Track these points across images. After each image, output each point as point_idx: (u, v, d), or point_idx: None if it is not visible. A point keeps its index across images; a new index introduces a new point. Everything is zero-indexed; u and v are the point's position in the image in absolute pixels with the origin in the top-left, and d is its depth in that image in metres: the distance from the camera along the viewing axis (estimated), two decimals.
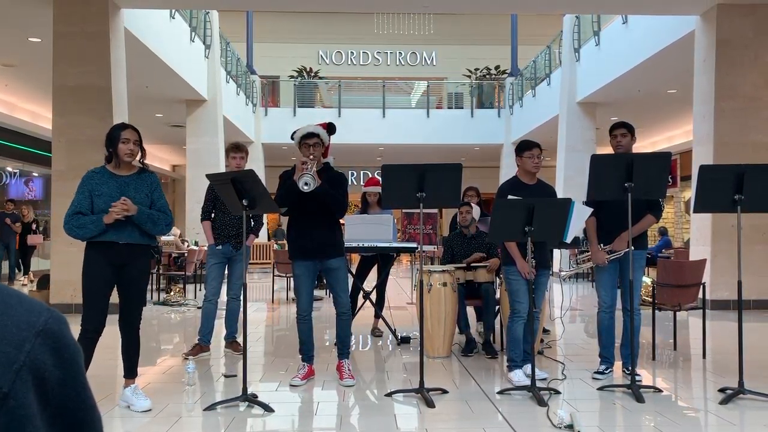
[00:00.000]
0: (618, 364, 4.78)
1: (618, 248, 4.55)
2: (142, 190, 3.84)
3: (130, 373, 3.88)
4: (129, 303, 3.84)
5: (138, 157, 3.86)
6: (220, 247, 5.38)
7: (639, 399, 3.99)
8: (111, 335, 3.98)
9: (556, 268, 13.47)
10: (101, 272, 3.72)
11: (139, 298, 3.90)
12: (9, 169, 14.18)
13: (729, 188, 4.06)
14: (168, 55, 11.02)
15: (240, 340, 5.22)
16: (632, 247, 4.41)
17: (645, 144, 18.58)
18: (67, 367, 0.60)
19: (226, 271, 5.57)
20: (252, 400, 3.90)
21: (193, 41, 12.90)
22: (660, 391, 4.28)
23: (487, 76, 21.94)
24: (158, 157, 22.01)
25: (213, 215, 5.48)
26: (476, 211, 6.04)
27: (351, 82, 21.95)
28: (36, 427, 0.56)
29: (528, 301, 4.46)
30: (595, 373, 4.69)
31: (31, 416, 0.55)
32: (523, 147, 4.68)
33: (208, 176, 4.30)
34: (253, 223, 5.57)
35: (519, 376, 4.47)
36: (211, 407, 3.85)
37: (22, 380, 0.55)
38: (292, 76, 21.37)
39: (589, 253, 4.87)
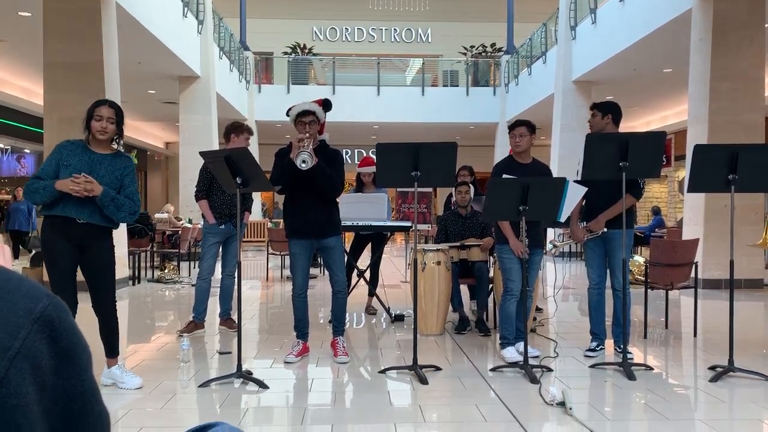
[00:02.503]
0: (610, 342, 4.83)
1: (594, 228, 4.60)
2: (113, 171, 3.67)
3: (111, 353, 3.84)
4: (97, 287, 3.73)
5: (113, 137, 3.71)
6: (222, 226, 5.35)
7: (630, 377, 4.04)
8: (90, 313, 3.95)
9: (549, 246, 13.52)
10: (62, 248, 3.59)
11: (106, 281, 3.76)
12: (0, 145, 14.07)
13: (723, 168, 4.07)
14: (160, 30, 10.89)
15: (234, 317, 5.25)
16: (605, 229, 4.52)
17: (639, 124, 18.57)
18: (63, 357, 0.57)
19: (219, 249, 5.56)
20: (247, 376, 3.93)
21: (185, 17, 12.75)
22: (651, 369, 4.33)
23: (483, 54, 21.80)
24: (152, 135, 21.87)
25: (211, 194, 5.41)
26: (471, 190, 6.04)
27: (345, 59, 21.77)
28: (29, 417, 0.54)
29: (521, 279, 4.49)
30: (586, 350, 4.74)
31: (23, 406, 0.53)
32: (509, 127, 4.75)
33: (202, 154, 4.27)
34: (244, 200, 5.51)
35: (511, 353, 4.52)
36: (205, 384, 3.88)
37: (16, 368, 0.53)
38: (285, 53, 21.17)
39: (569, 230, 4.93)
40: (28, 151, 15.12)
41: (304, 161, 4.13)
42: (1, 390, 0.52)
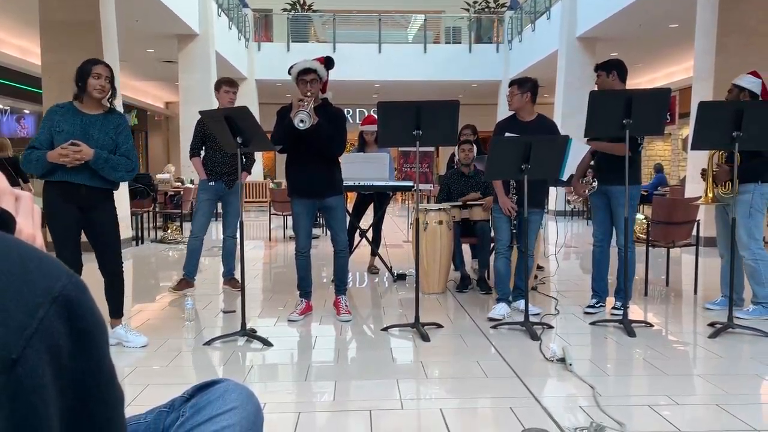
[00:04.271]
0: (611, 300, 4.87)
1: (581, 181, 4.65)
2: (106, 131, 3.65)
3: (116, 313, 3.89)
4: (102, 249, 3.76)
5: (108, 96, 3.69)
6: (212, 183, 5.35)
7: (630, 333, 4.08)
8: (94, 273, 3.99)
9: (552, 206, 13.53)
10: (63, 211, 3.62)
11: (110, 243, 3.78)
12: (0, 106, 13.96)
13: (728, 125, 4.03)
14: None
15: (238, 276, 5.29)
16: (595, 183, 4.53)
17: (644, 81, 18.34)
18: (81, 337, 0.56)
19: (215, 210, 5.57)
20: (251, 334, 3.98)
21: None
22: (651, 325, 4.37)
23: (486, 10, 21.40)
24: (151, 94, 21.68)
25: (204, 152, 5.43)
26: (473, 148, 6.00)
27: (346, 15, 21.39)
28: (45, 399, 0.53)
29: (508, 237, 4.55)
30: (586, 307, 4.78)
31: (40, 386, 0.52)
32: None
33: (202, 113, 4.24)
34: (245, 159, 5.49)
35: (499, 310, 4.55)
36: (210, 342, 3.93)
37: (33, 348, 0.52)
38: (285, 10, 20.80)
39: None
40: (27, 111, 15.01)
41: (302, 121, 4.09)
42: (17, 369, 0.51)
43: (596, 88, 4.75)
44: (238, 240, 4.30)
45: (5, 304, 0.52)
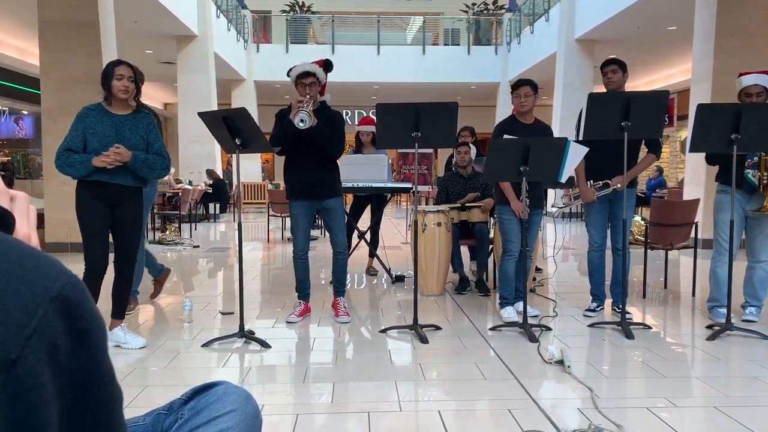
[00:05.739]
0: (608, 302, 4.87)
1: (620, 187, 4.58)
2: (137, 130, 3.77)
3: (120, 313, 3.91)
4: (123, 244, 3.84)
5: (133, 95, 3.79)
6: None
7: (628, 335, 4.08)
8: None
9: (548, 206, 13.54)
10: (95, 209, 3.71)
11: (133, 239, 3.88)
12: None
13: (726, 127, 4.04)
14: None
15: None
16: (618, 185, 4.50)
17: (642, 83, 18.37)
18: (79, 338, 0.56)
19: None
20: (249, 336, 3.98)
21: None
22: (649, 328, 4.37)
23: (485, 12, 21.42)
24: (149, 95, 21.64)
25: None
26: (473, 151, 6.01)
27: (345, 17, 21.40)
28: (44, 398, 0.53)
29: (520, 240, 4.51)
30: (586, 310, 4.78)
31: (39, 386, 0.52)
32: (513, 86, 4.67)
33: (200, 114, 4.23)
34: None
35: (509, 313, 4.56)
36: (208, 344, 3.93)
37: (32, 347, 0.52)
38: (284, 11, 20.80)
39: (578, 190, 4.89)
40: (26, 112, 14.99)
41: (302, 120, 4.09)
42: (17, 369, 0.51)
43: (603, 86, 4.69)
44: (241, 244, 4.27)
45: (4, 303, 0.52)
